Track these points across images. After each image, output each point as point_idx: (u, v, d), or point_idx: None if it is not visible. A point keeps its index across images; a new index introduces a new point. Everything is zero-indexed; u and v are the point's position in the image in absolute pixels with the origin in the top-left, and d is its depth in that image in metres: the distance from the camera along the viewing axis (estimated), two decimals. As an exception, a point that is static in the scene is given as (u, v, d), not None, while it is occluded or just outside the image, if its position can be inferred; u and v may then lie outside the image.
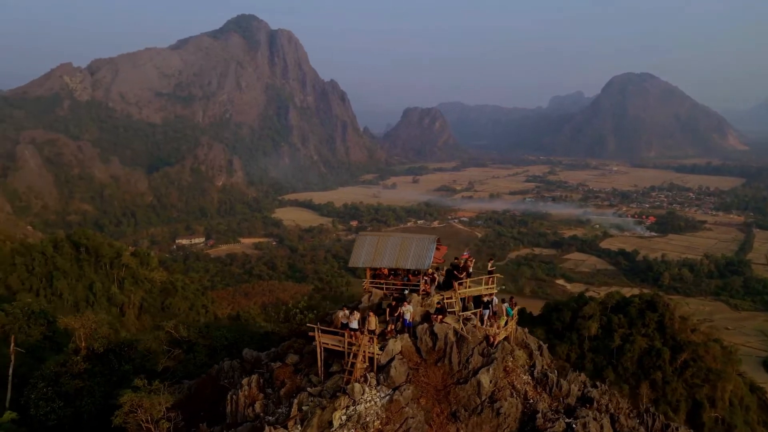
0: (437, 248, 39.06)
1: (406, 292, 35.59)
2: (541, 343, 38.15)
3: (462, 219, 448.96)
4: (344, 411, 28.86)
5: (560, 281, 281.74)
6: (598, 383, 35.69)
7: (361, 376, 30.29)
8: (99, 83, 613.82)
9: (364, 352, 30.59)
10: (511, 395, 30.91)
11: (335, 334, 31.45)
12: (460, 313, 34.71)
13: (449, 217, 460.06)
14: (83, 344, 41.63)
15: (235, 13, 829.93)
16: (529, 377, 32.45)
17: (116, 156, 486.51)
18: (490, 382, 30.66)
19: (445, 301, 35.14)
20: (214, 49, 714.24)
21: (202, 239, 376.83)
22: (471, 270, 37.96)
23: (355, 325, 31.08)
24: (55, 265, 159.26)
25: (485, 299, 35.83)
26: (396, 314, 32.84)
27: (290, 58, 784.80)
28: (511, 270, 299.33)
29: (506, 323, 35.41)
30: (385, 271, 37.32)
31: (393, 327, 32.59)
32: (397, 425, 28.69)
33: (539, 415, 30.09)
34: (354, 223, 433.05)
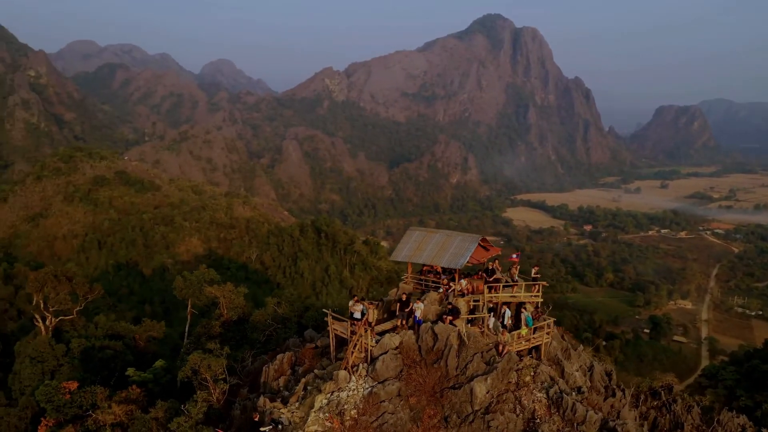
0: (486, 249, 37.07)
1: (440, 290, 34.61)
2: (595, 363, 33.72)
3: (716, 231, 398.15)
4: (328, 396, 29.18)
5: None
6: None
7: (353, 366, 30.42)
8: (354, 85, 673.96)
9: (362, 342, 30.74)
10: (513, 410, 28.42)
11: (343, 322, 32.20)
12: (466, 316, 32.47)
13: (700, 227, 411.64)
14: (224, 312, 47.70)
15: (480, 14, 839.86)
16: (544, 396, 29.47)
17: (363, 151, 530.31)
18: (487, 392, 28.80)
19: (471, 303, 33.27)
20: (458, 49, 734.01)
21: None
22: (516, 276, 35.61)
23: (357, 315, 31.40)
24: (300, 247, 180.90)
25: (491, 305, 33.33)
26: (407, 310, 32.23)
27: (533, 56, 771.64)
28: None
29: (534, 332, 32.64)
30: (439, 268, 35.72)
31: (403, 322, 32.13)
32: (373, 418, 28.30)
33: None
34: (588, 228, 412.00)
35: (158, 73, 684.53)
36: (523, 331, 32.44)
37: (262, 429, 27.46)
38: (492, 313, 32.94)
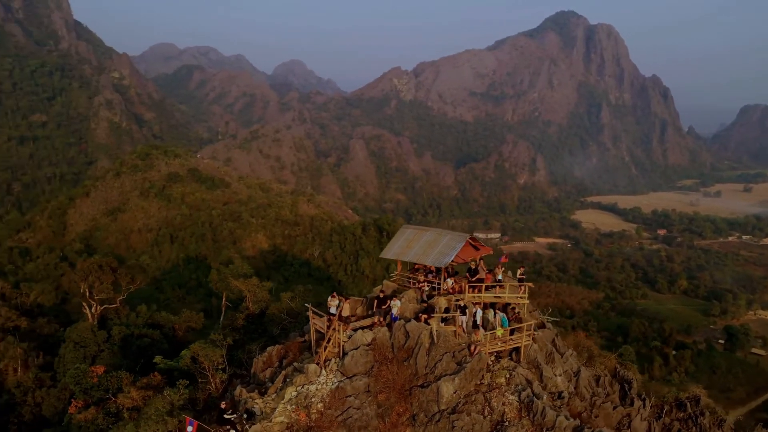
0: (476, 248, 36.40)
1: (426, 289, 34.62)
2: (582, 369, 32.46)
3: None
4: (298, 388, 29.51)
5: None
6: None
7: (326, 360, 30.81)
8: (421, 84, 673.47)
9: (336, 337, 31.19)
10: (481, 412, 27.90)
11: (321, 317, 32.72)
12: (440, 315, 32.14)
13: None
14: (250, 305, 49.25)
15: (553, 11, 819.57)
16: (516, 399, 28.79)
17: (429, 151, 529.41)
18: (454, 392, 28.42)
19: (453, 303, 32.94)
20: (529, 48, 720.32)
21: (498, 235, 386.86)
22: (499, 276, 34.91)
23: (333, 310, 31.94)
24: (362, 245, 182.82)
25: (461, 303, 32.71)
26: (384, 307, 32.21)
27: (608, 53, 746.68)
28: None
29: (512, 333, 32.03)
30: (432, 268, 35.27)
31: (381, 319, 32.24)
32: (338, 412, 28.49)
33: None
34: (662, 232, 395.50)
35: (232, 74, 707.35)
36: (499, 332, 31.95)
37: (226, 416, 28.52)
38: (463, 311, 32.72)
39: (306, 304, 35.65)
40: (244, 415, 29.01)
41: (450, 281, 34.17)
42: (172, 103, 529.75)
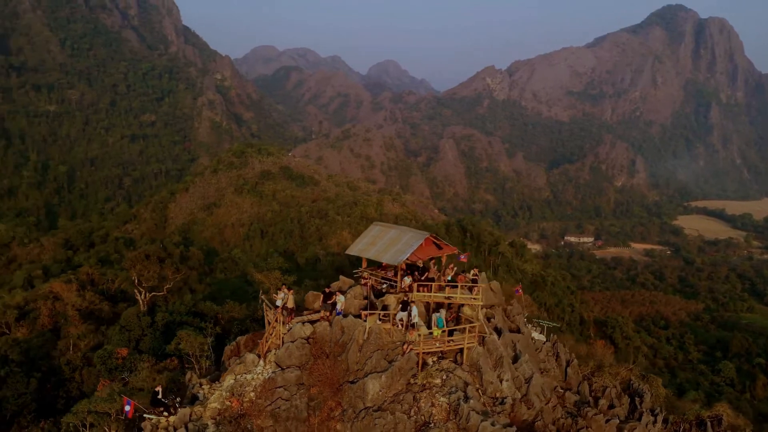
0: (440, 247, 35.90)
1: (384, 286, 34.42)
2: (536, 376, 31.46)
3: None
4: (237, 376, 30.17)
5: None
6: None
7: (267, 351, 31.57)
8: (515, 83, 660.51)
9: (278, 329, 31.85)
10: (407, 412, 27.32)
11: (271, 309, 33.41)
12: (378, 312, 31.92)
13: None
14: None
15: (659, 5, 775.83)
16: (446, 400, 28.04)
17: (521, 151, 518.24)
18: (380, 390, 28.04)
19: (398, 300, 32.43)
20: (631, 44, 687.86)
21: (591, 239, 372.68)
22: (449, 276, 34.16)
23: (278, 303, 32.57)
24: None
25: (401, 300, 31.97)
26: (330, 302, 32.50)
27: (719, 49, 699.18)
28: None
29: (452, 334, 31.64)
30: (403, 265, 34.67)
31: (327, 314, 32.52)
32: (267, 402, 29.05)
33: None
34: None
35: (328, 74, 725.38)
36: (436, 332, 31.31)
37: (159, 397, 29.81)
38: (404, 309, 32.26)
39: (262, 297, 36.74)
40: (177, 399, 30.39)
41: (408, 280, 34.00)
42: (270, 103, 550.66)
